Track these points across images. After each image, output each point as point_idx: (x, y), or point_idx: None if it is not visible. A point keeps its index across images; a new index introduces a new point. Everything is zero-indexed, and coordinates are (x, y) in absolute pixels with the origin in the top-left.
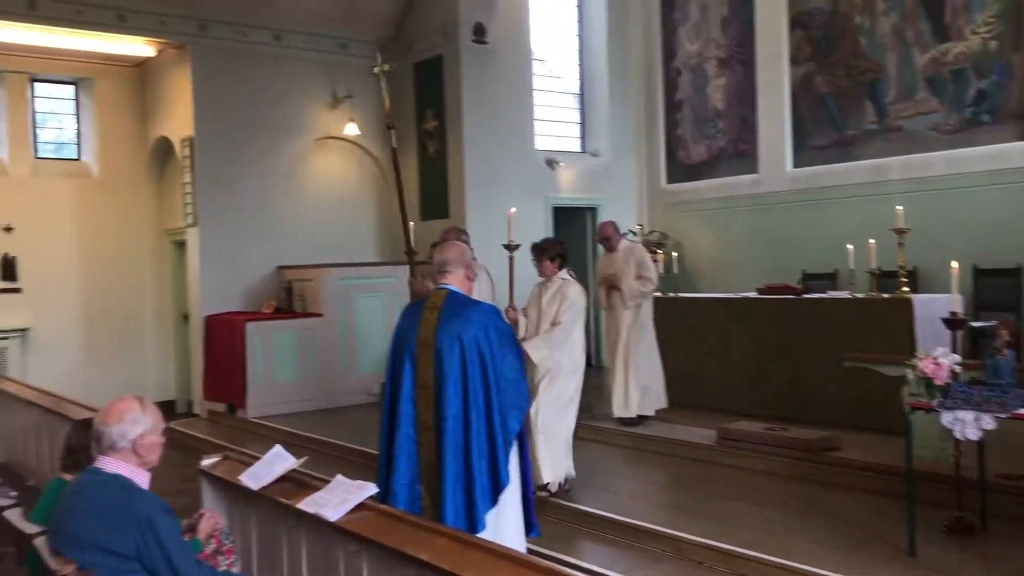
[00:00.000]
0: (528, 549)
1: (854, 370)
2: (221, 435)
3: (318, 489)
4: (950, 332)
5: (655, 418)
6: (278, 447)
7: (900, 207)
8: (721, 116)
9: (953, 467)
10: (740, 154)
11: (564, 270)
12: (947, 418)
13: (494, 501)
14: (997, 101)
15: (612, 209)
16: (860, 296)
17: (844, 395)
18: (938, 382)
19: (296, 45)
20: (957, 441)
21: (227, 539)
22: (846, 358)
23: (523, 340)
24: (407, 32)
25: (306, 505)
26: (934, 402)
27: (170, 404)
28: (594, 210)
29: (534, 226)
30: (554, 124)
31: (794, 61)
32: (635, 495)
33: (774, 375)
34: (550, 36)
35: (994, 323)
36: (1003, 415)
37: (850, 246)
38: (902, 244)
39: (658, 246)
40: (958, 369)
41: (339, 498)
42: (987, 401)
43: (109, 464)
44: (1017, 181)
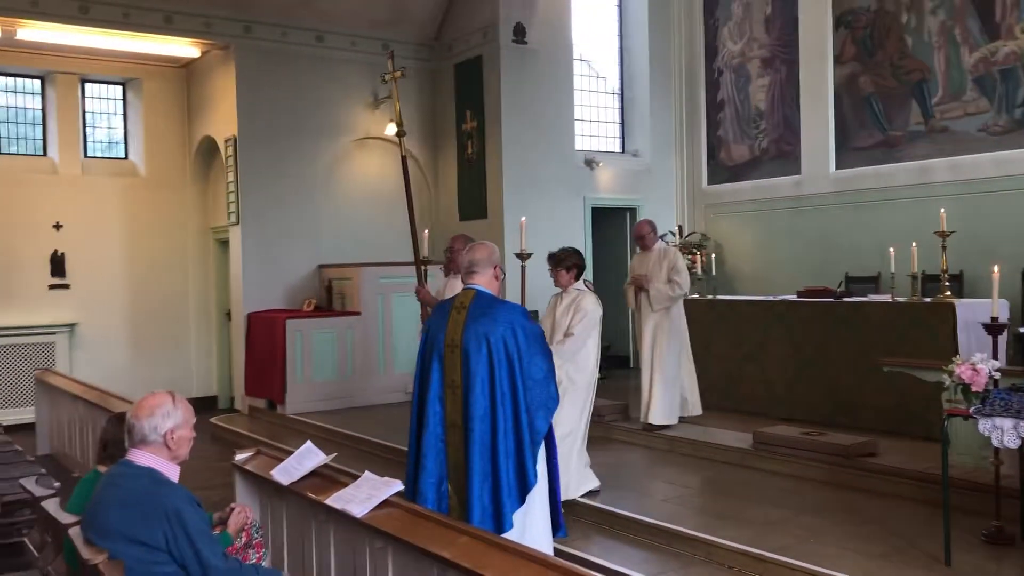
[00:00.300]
0: (556, 549)
1: (894, 375)
2: (261, 431)
3: (346, 485)
4: (991, 337)
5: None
6: (309, 443)
7: (943, 210)
8: (763, 116)
9: (993, 476)
10: (782, 155)
11: (580, 280)
12: (985, 425)
13: (521, 500)
14: None
15: (652, 210)
16: (901, 300)
17: (883, 400)
18: (976, 388)
19: (338, 46)
20: (997, 449)
21: (257, 533)
22: (884, 363)
23: None
24: (447, 33)
25: (333, 501)
26: (971, 409)
27: (212, 400)
28: (634, 211)
29: (573, 227)
30: (594, 124)
31: (838, 61)
32: (667, 498)
33: (813, 379)
34: (591, 36)
35: None
36: None
37: (891, 249)
38: (945, 247)
39: (698, 248)
40: (997, 375)
41: (365, 494)
42: None
43: (140, 457)
44: None
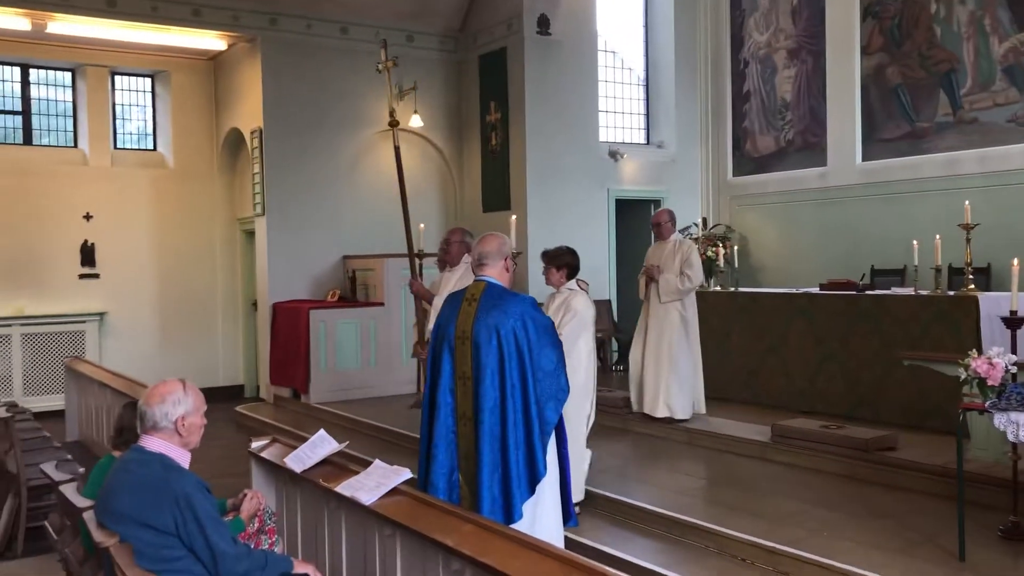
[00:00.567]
0: (569, 540)
1: (915, 369)
2: (285, 419)
3: (357, 473)
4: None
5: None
6: (322, 431)
7: (968, 202)
8: (789, 108)
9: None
10: (808, 147)
11: (573, 280)
12: (1000, 420)
13: (531, 491)
14: None
15: (676, 202)
16: (924, 293)
17: (904, 394)
18: (991, 382)
19: (362, 38)
20: (1015, 444)
21: (271, 519)
22: (905, 356)
23: None
24: (472, 24)
25: (343, 489)
26: (987, 403)
27: (239, 389)
28: (658, 202)
29: (596, 219)
30: (618, 115)
31: (865, 51)
32: (682, 490)
33: (834, 372)
34: (616, 27)
35: None
36: None
37: (915, 242)
38: (969, 240)
39: (722, 240)
40: (1014, 369)
41: (374, 482)
42: None
43: (152, 443)
44: None
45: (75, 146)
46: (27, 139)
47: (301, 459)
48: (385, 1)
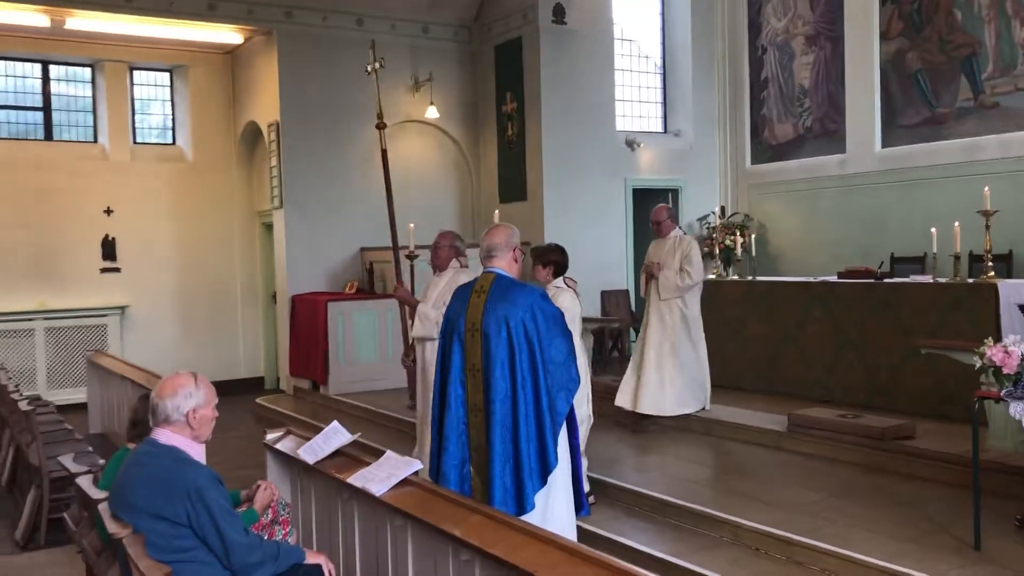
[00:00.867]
0: (582, 530)
1: (933, 357)
2: (304, 411)
3: (369, 464)
4: None
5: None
6: (335, 423)
7: (988, 188)
8: (808, 95)
9: None
10: (827, 134)
11: (560, 278)
12: (1016, 408)
13: (543, 482)
14: None
15: (694, 190)
16: (943, 281)
17: (923, 383)
18: (1007, 371)
19: (378, 29)
20: None
21: (284, 510)
22: (922, 344)
23: None
24: (487, 14)
25: (355, 480)
26: (1003, 391)
27: (259, 380)
28: (676, 191)
29: (613, 209)
30: (635, 104)
31: (885, 36)
32: (697, 479)
33: (852, 361)
34: (632, 15)
35: None
36: None
37: (933, 229)
38: (989, 227)
39: (741, 228)
40: None
41: (386, 473)
42: None
43: (164, 436)
44: None
45: (95, 141)
46: (48, 135)
47: (314, 450)
48: None
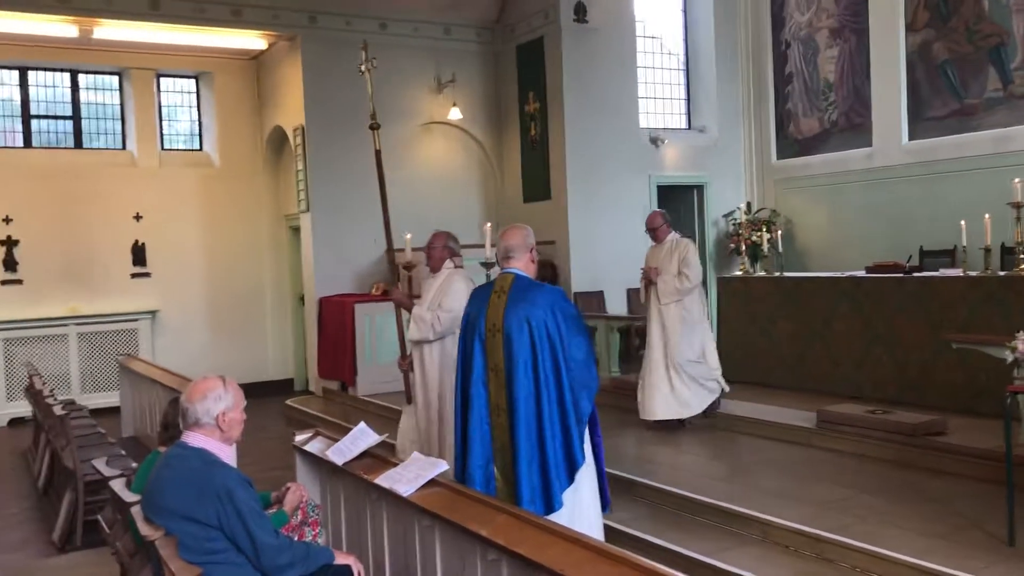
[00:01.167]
0: (610, 528)
1: (964, 352)
2: (333, 412)
3: (396, 465)
4: None
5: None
6: (363, 424)
7: (1018, 179)
8: (833, 88)
9: None
10: (853, 127)
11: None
12: None
13: (570, 480)
14: None
15: (719, 186)
16: (973, 274)
17: (953, 378)
18: None
19: (401, 32)
20: None
21: (314, 512)
22: (953, 339)
23: None
24: (509, 15)
25: (382, 480)
26: None
27: (289, 382)
28: (701, 187)
29: (638, 205)
30: (659, 101)
31: (910, 28)
32: (725, 477)
33: (881, 357)
34: (654, 12)
35: None
36: None
37: (963, 222)
38: (1020, 219)
39: (767, 224)
40: None
41: (413, 474)
42: None
43: (194, 439)
44: None
45: (124, 148)
46: (78, 143)
47: (342, 452)
48: None
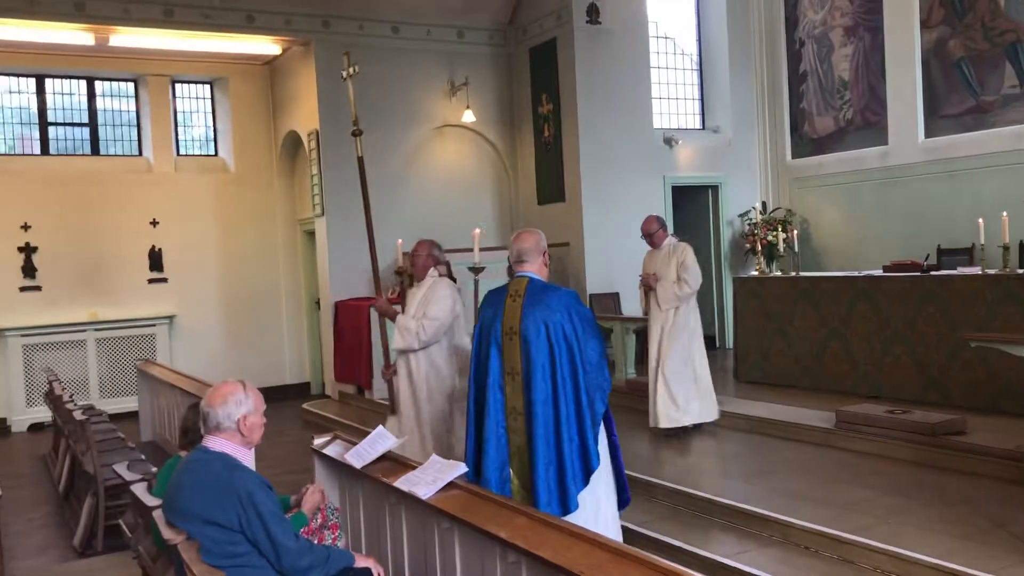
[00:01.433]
0: (630, 530)
1: (983, 351)
2: (350, 415)
3: (414, 468)
4: None
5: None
6: (381, 427)
7: None
8: (848, 86)
9: None
10: (868, 125)
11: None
12: None
13: (585, 482)
14: None
15: (734, 186)
16: (992, 272)
17: (974, 377)
18: None
19: (413, 36)
20: None
21: (333, 515)
22: (972, 338)
23: None
24: (521, 17)
25: (401, 483)
26: None
27: (305, 386)
28: (715, 188)
29: (652, 207)
30: (672, 101)
31: (925, 25)
32: (746, 478)
33: (900, 356)
34: (667, 12)
35: None
36: None
37: (980, 220)
38: None
39: (783, 224)
40: None
41: (431, 477)
42: None
43: (215, 443)
44: None
45: (140, 154)
46: (94, 149)
47: (361, 455)
48: None
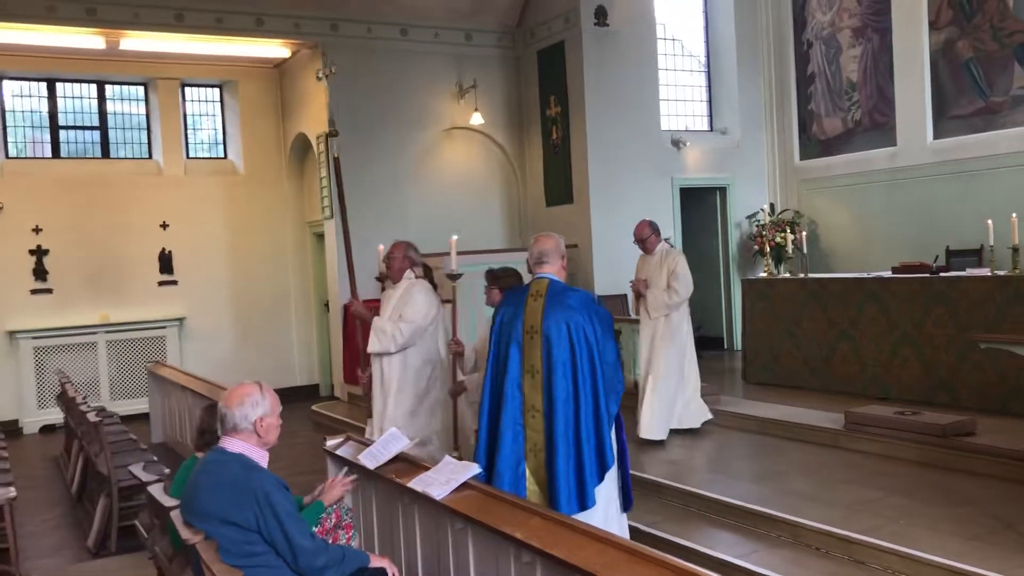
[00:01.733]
0: (639, 531)
1: (992, 352)
2: (359, 417)
3: (428, 468)
4: None
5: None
6: (393, 429)
7: None
8: (856, 88)
9: None
10: (877, 127)
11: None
12: None
13: (600, 479)
14: None
15: (742, 188)
16: (1001, 273)
17: (983, 378)
18: None
19: (422, 39)
20: None
21: (347, 515)
22: (981, 339)
23: (471, 373)
24: (529, 20)
25: (415, 484)
26: None
27: (314, 388)
28: (723, 189)
29: (660, 209)
30: (680, 103)
31: (934, 26)
32: (755, 479)
33: (909, 357)
34: (675, 14)
35: None
36: None
37: (990, 221)
38: None
39: (791, 225)
40: None
41: (445, 478)
42: None
43: (232, 444)
44: None
45: (150, 157)
46: (105, 152)
47: (374, 456)
48: (443, 1)
